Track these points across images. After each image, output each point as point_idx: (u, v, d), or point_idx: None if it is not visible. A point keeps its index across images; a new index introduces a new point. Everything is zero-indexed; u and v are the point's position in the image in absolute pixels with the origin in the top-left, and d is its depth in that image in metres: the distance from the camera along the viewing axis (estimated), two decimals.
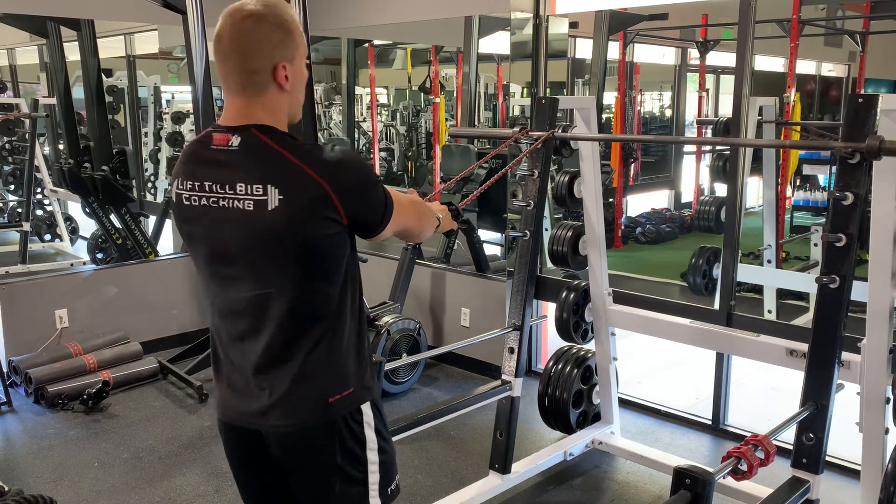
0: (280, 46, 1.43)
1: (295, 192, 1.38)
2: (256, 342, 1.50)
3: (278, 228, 1.40)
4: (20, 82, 7.09)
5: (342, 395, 1.51)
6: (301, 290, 1.46)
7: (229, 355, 1.56)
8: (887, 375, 2.33)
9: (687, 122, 5.97)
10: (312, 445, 1.52)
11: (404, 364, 4.09)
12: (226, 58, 1.43)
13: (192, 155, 1.51)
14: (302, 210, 1.39)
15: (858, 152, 2.04)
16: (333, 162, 1.41)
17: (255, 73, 1.43)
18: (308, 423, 1.50)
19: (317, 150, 1.43)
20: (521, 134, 2.85)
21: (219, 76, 1.47)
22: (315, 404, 1.50)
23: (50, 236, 6.78)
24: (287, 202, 1.38)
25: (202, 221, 1.48)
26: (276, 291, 1.46)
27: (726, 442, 3.61)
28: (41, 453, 3.51)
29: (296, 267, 1.44)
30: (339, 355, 1.51)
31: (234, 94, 1.46)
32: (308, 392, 1.49)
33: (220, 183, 1.44)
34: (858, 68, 4.62)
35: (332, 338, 1.50)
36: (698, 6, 4.91)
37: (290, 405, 1.49)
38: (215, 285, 1.53)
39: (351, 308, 1.53)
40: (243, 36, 1.41)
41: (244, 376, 1.53)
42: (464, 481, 3.08)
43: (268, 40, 1.41)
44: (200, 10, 4.16)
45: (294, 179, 1.39)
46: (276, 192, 1.38)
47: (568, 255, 3.30)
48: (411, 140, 7.69)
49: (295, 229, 1.40)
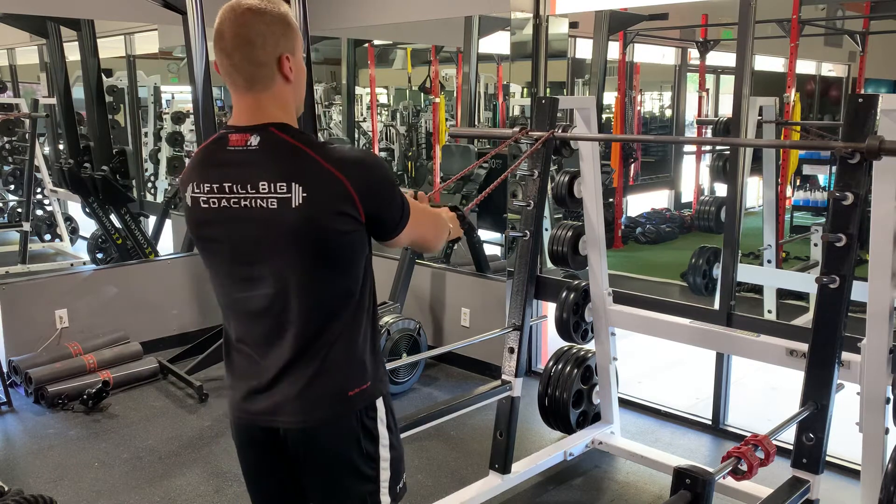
0: (282, 38, 1.44)
1: (318, 188, 1.39)
2: (277, 341, 1.49)
3: (301, 225, 1.41)
4: (20, 82, 7.10)
5: (360, 388, 1.52)
6: (322, 287, 1.47)
7: (247, 356, 1.55)
8: (887, 375, 2.33)
9: (687, 122, 5.98)
10: (330, 441, 1.52)
11: (404, 364, 4.09)
12: (230, 53, 1.42)
13: (207, 158, 1.50)
14: (324, 207, 1.40)
15: (858, 152, 2.04)
16: (354, 160, 1.43)
17: (262, 66, 1.43)
18: (327, 417, 1.51)
19: (338, 148, 1.45)
20: (521, 134, 2.85)
21: (222, 74, 1.46)
22: (334, 399, 1.50)
23: (50, 236, 6.78)
24: (310, 199, 1.39)
25: (222, 223, 1.47)
26: (298, 289, 1.46)
27: (726, 442, 3.61)
28: (41, 453, 3.51)
29: (317, 264, 1.44)
30: (357, 351, 1.52)
31: (242, 91, 1.45)
32: (327, 387, 1.50)
33: (241, 183, 1.43)
34: (858, 68, 4.62)
35: (350, 334, 1.51)
36: (698, 6, 4.91)
37: (309, 401, 1.50)
38: (235, 286, 1.52)
39: (368, 304, 1.54)
40: (246, 29, 1.40)
41: (263, 376, 1.52)
42: (464, 481, 3.08)
43: (270, 32, 1.42)
44: (200, 10, 4.16)
45: (317, 176, 1.40)
46: (301, 190, 1.39)
47: (568, 255, 3.30)
48: (411, 140, 7.69)
49: (317, 226, 1.41)
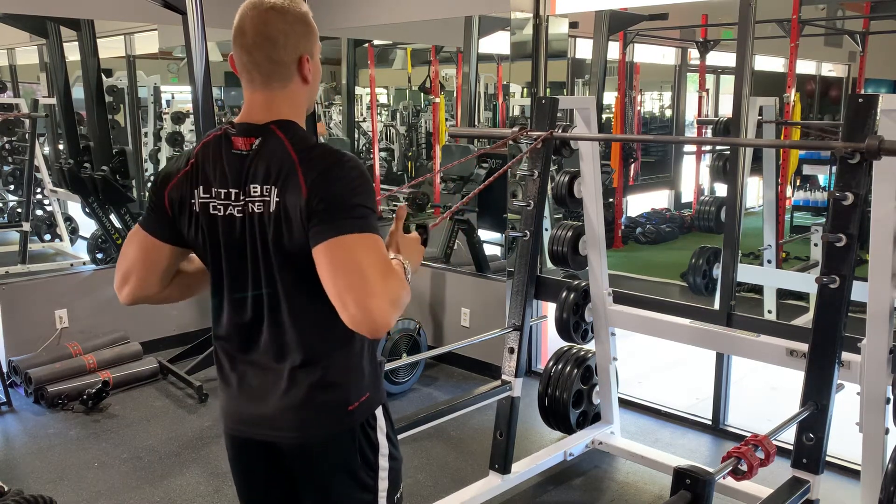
0: (303, 39, 1.43)
1: (286, 193, 1.36)
2: (272, 353, 1.46)
3: (278, 230, 1.37)
4: (20, 82, 7.08)
5: (360, 401, 1.48)
6: (311, 296, 1.40)
7: (240, 367, 1.51)
8: (887, 375, 2.33)
9: (687, 122, 5.97)
10: (330, 454, 1.48)
11: (404, 364, 4.09)
12: (251, 50, 1.41)
13: (213, 159, 1.46)
14: (292, 210, 1.35)
15: (858, 152, 2.04)
16: (323, 167, 1.35)
17: (282, 65, 1.42)
18: (328, 432, 1.47)
19: (323, 153, 1.38)
20: (520, 134, 2.84)
21: (238, 69, 1.45)
22: (335, 413, 1.46)
23: (50, 236, 6.77)
24: (281, 203, 1.36)
25: (226, 231, 1.44)
26: (289, 298, 1.42)
27: (726, 442, 3.61)
28: (41, 453, 3.51)
29: (301, 271, 1.39)
30: (355, 361, 1.48)
31: (257, 87, 1.44)
32: (328, 401, 1.45)
33: (242, 190, 1.41)
34: (858, 68, 4.62)
35: (348, 343, 1.46)
36: (698, 6, 4.91)
37: (309, 415, 1.45)
38: (229, 295, 1.49)
39: None
40: (269, 27, 1.40)
41: (259, 389, 1.48)
42: (464, 481, 3.08)
43: (292, 32, 1.42)
44: (200, 10, 4.15)
45: (289, 181, 1.36)
46: (276, 193, 1.37)
47: (568, 255, 3.31)
48: (411, 140, 7.69)
49: (289, 233, 1.37)
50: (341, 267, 1.28)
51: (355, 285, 1.27)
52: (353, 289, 1.27)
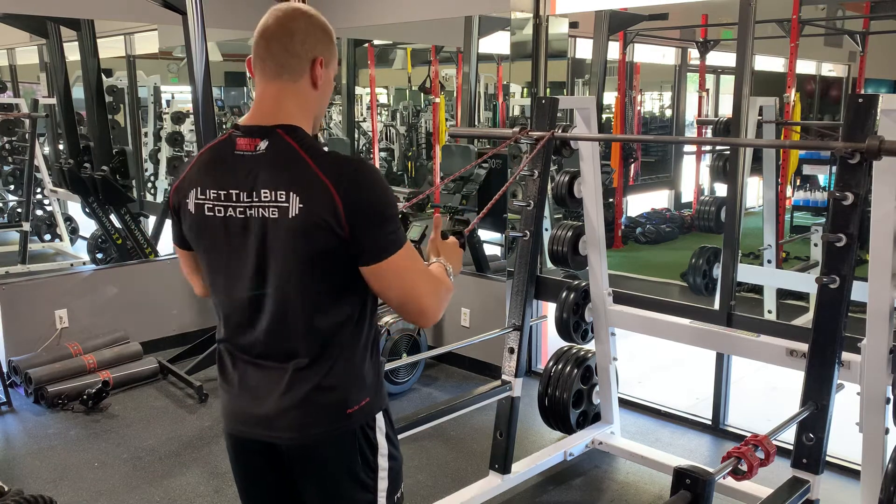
0: (320, 45, 1.47)
1: (312, 200, 1.36)
2: (276, 355, 1.47)
3: (299, 235, 1.38)
4: (20, 82, 7.08)
5: (360, 405, 1.49)
6: (322, 300, 1.43)
7: (243, 369, 1.52)
8: (887, 375, 2.33)
9: (687, 122, 5.97)
10: (330, 456, 1.50)
11: (404, 364, 4.09)
12: (269, 39, 1.44)
13: (212, 161, 1.47)
14: (318, 218, 1.36)
15: (858, 152, 2.04)
16: (350, 174, 1.38)
17: (296, 57, 1.44)
18: (326, 434, 1.48)
19: (339, 159, 1.41)
20: (521, 134, 2.84)
21: (254, 64, 1.47)
22: (334, 415, 1.47)
23: (50, 236, 6.77)
24: (306, 209, 1.37)
25: (226, 232, 1.45)
26: (298, 301, 1.43)
27: (726, 442, 3.61)
28: (41, 453, 3.51)
29: (316, 275, 1.41)
30: (357, 365, 1.49)
31: (269, 78, 1.45)
32: (327, 403, 1.47)
33: (247, 191, 1.41)
34: (858, 68, 4.62)
35: (351, 347, 1.47)
36: (698, 6, 4.91)
37: (308, 416, 1.47)
38: (233, 296, 1.49)
39: (368, 317, 1.51)
40: (292, 23, 1.44)
41: (261, 389, 1.49)
42: (464, 481, 3.08)
43: (313, 33, 1.46)
44: (200, 10, 4.15)
45: (312, 187, 1.37)
46: (297, 199, 1.37)
47: (568, 255, 3.31)
48: (411, 140, 7.69)
49: (311, 238, 1.37)
50: (396, 285, 1.44)
51: (409, 294, 1.45)
52: (408, 299, 1.45)
